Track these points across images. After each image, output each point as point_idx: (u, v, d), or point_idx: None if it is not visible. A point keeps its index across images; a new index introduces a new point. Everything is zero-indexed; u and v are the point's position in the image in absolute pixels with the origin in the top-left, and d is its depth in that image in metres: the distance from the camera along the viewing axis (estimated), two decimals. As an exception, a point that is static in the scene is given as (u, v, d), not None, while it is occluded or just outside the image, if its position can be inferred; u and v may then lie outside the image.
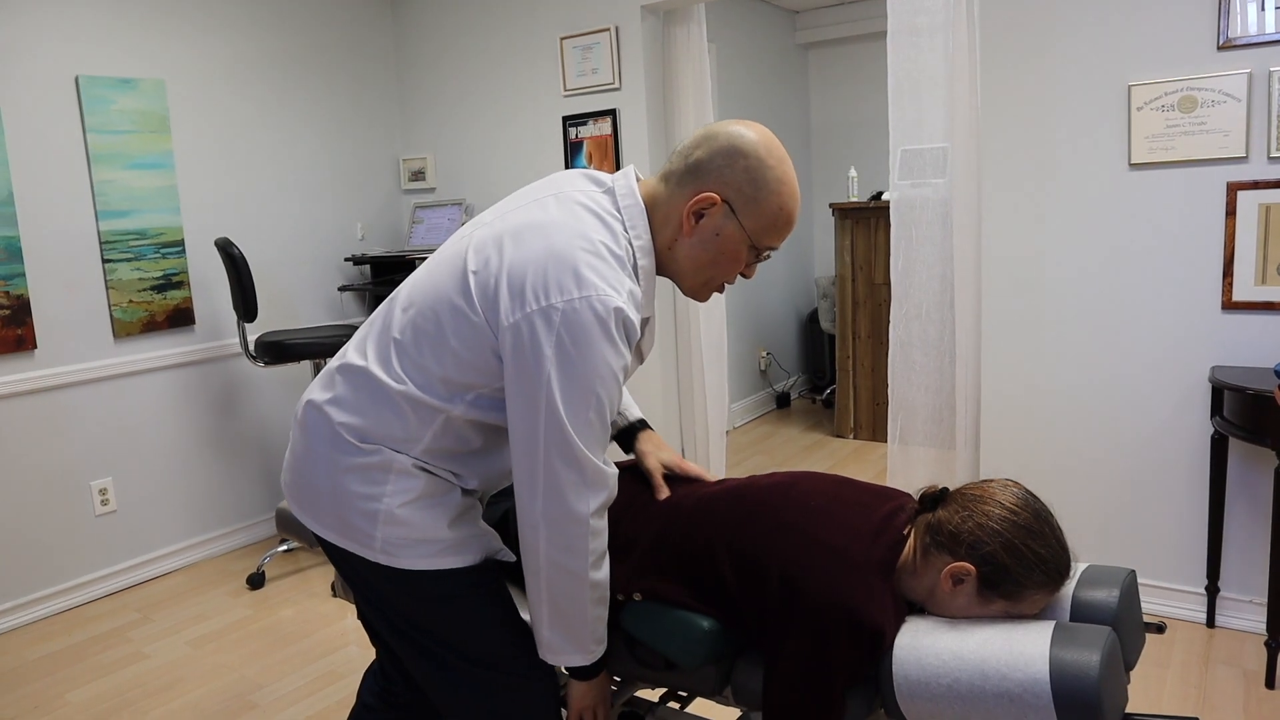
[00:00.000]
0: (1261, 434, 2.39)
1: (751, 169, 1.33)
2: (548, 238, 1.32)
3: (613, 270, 1.31)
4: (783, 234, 1.39)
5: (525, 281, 1.28)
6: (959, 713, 1.28)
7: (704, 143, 1.36)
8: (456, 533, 1.42)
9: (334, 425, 1.41)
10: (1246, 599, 2.75)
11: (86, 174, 3.37)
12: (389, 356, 1.39)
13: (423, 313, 1.38)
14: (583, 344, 1.26)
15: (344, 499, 1.40)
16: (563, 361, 1.26)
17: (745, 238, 1.37)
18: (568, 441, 1.28)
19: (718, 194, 1.34)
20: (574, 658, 1.41)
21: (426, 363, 1.36)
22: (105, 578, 3.50)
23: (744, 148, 1.33)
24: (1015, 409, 3.04)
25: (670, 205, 1.38)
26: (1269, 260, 2.59)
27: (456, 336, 1.34)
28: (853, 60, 6.09)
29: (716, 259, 1.39)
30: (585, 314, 1.26)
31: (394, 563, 1.40)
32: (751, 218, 1.35)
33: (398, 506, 1.38)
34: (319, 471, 1.43)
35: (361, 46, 4.38)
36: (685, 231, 1.37)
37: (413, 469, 1.39)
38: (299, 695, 2.68)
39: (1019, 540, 1.34)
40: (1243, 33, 2.54)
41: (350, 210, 4.37)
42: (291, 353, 3.53)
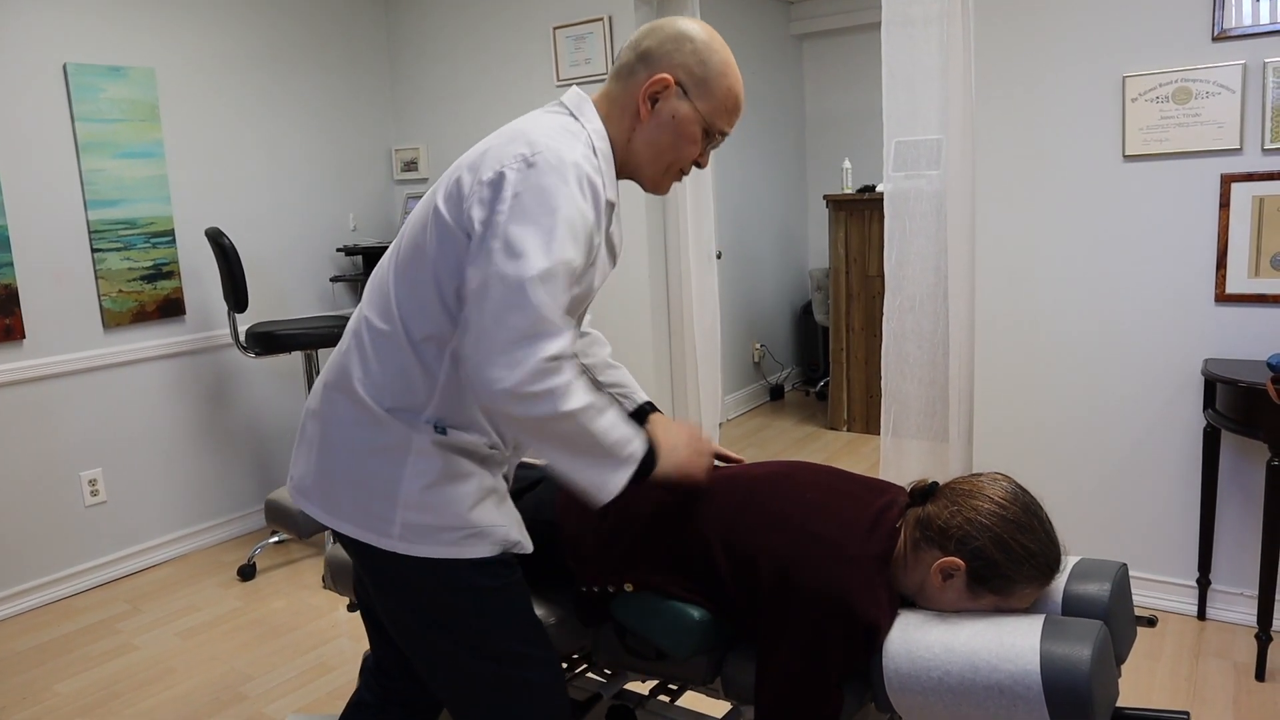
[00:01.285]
0: (1254, 427, 2.39)
1: (699, 50, 1.38)
2: (502, 135, 1.35)
3: (566, 137, 1.33)
4: (732, 117, 1.43)
5: (481, 163, 1.31)
6: (949, 706, 1.28)
7: (651, 33, 1.40)
8: (476, 520, 1.38)
9: (348, 393, 1.38)
10: (1237, 591, 2.75)
11: (75, 163, 3.34)
12: (386, 305, 1.38)
13: (404, 255, 1.39)
14: (540, 189, 1.25)
15: (362, 483, 1.37)
16: (515, 207, 1.25)
17: (699, 118, 1.40)
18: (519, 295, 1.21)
19: (670, 76, 1.38)
20: (619, 475, 1.33)
21: (418, 292, 1.34)
22: (95, 569, 3.48)
23: (690, 33, 1.39)
24: (1008, 402, 3.04)
25: (625, 96, 1.41)
26: (1262, 253, 2.58)
27: (436, 253, 1.32)
28: (847, 51, 6.07)
29: (675, 142, 1.41)
30: (539, 165, 1.26)
31: (412, 551, 1.36)
32: (703, 99, 1.39)
33: (418, 489, 1.35)
34: (336, 458, 1.40)
35: (354, 36, 4.35)
36: (642, 117, 1.40)
37: (431, 448, 1.35)
38: (289, 687, 2.67)
39: (1008, 535, 1.33)
40: (1237, 24, 2.53)
41: (342, 200, 4.35)
42: (283, 343, 3.52)
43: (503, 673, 1.42)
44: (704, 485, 1.50)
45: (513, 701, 1.43)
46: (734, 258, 5.48)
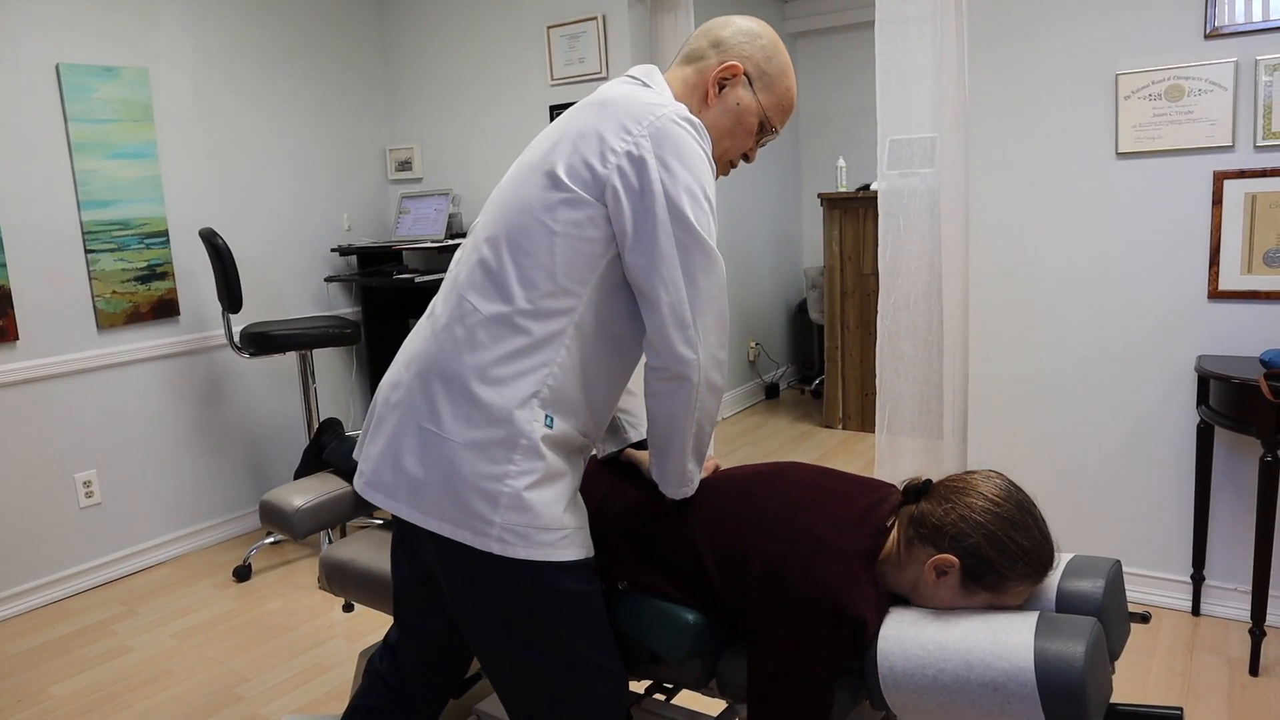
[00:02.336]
0: (1247, 423, 2.40)
1: (767, 48, 1.47)
2: (604, 102, 1.39)
3: (669, 98, 1.41)
4: (786, 116, 1.51)
5: (602, 136, 1.34)
6: (944, 703, 1.28)
7: (725, 24, 1.48)
8: (569, 520, 1.36)
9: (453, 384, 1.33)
10: (1231, 587, 2.76)
11: (68, 163, 3.34)
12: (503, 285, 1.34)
13: (514, 233, 1.36)
14: (678, 146, 1.31)
15: (460, 480, 1.31)
16: (666, 169, 1.30)
17: (760, 110, 1.47)
18: (697, 241, 1.31)
19: (741, 65, 1.45)
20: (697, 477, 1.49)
21: (538, 269, 1.33)
22: (89, 570, 3.48)
23: (759, 31, 1.48)
24: (1002, 399, 3.04)
25: (696, 78, 1.47)
26: (1255, 249, 2.59)
27: (565, 225, 1.32)
28: (841, 50, 6.07)
29: (734, 129, 1.47)
30: (668, 124, 1.32)
31: (508, 552, 1.31)
32: (766, 93, 1.47)
33: (524, 488, 1.31)
34: (429, 451, 1.33)
35: (347, 35, 4.35)
36: (709, 99, 1.46)
37: (538, 445, 1.32)
38: (285, 688, 2.67)
39: (1001, 532, 1.33)
40: (1230, 21, 2.54)
41: (336, 200, 4.34)
42: (277, 344, 3.51)
43: (575, 683, 1.40)
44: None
45: (577, 710, 1.41)
46: (728, 256, 5.49)
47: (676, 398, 1.35)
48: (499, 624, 1.38)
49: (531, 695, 1.42)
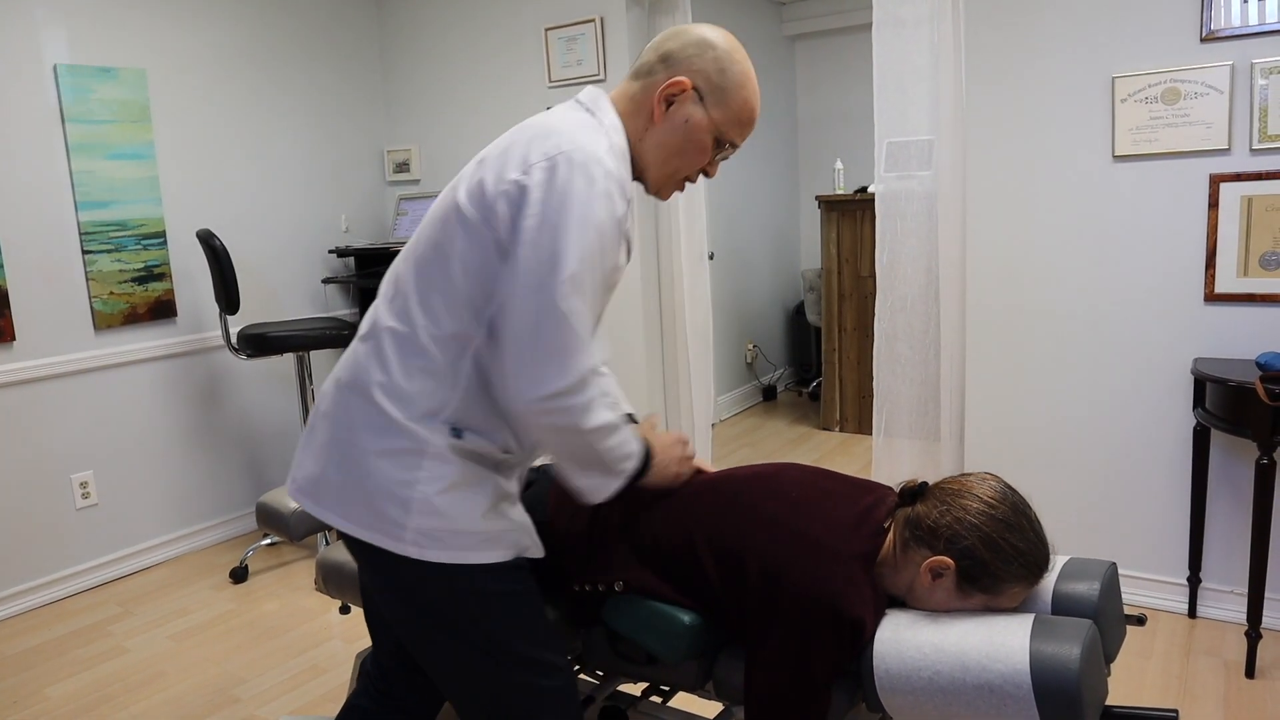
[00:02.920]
0: (1242, 426, 2.40)
1: (720, 59, 1.38)
2: (524, 131, 1.37)
3: (589, 132, 1.33)
4: (745, 129, 1.43)
5: (506, 160, 1.32)
6: (939, 705, 1.28)
7: (675, 36, 1.40)
8: (489, 525, 1.37)
9: (363, 394, 1.36)
10: (1228, 589, 2.76)
11: (66, 164, 3.33)
12: (404, 308, 1.37)
13: (423, 253, 1.37)
14: (568, 192, 1.25)
15: (374, 486, 1.34)
16: (547, 212, 1.25)
17: (712, 126, 1.39)
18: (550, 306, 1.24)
19: (688, 80, 1.37)
20: (612, 484, 1.39)
21: (441, 291, 1.33)
22: (86, 571, 3.47)
23: (713, 40, 1.39)
24: (999, 400, 3.05)
25: (642, 95, 1.41)
26: (1251, 252, 2.59)
27: (459, 250, 1.32)
28: (839, 52, 6.08)
29: (684, 148, 1.41)
30: (567, 164, 1.26)
31: (425, 556, 1.34)
32: (719, 108, 1.39)
33: (434, 494, 1.33)
34: (350, 459, 1.37)
35: (346, 37, 4.35)
36: (656, 118, 1.40)
37: (448, 452, 1.34)
38: (282, 689, 2.67)
39: (997, 534, 1.34)
40: (1225, 24, 2.55)
41: (334, 202, 4.34)
42: (274, 345, 3.51)
43: (514, 678, 1.40)
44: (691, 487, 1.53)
45: (525, 706, 1.41)
46: (726, 258, 5.49)
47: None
48: (429, 626, 1.41)
49: (470, 691, 1.43)
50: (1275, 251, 2.56)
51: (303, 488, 1.43)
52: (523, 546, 1.43)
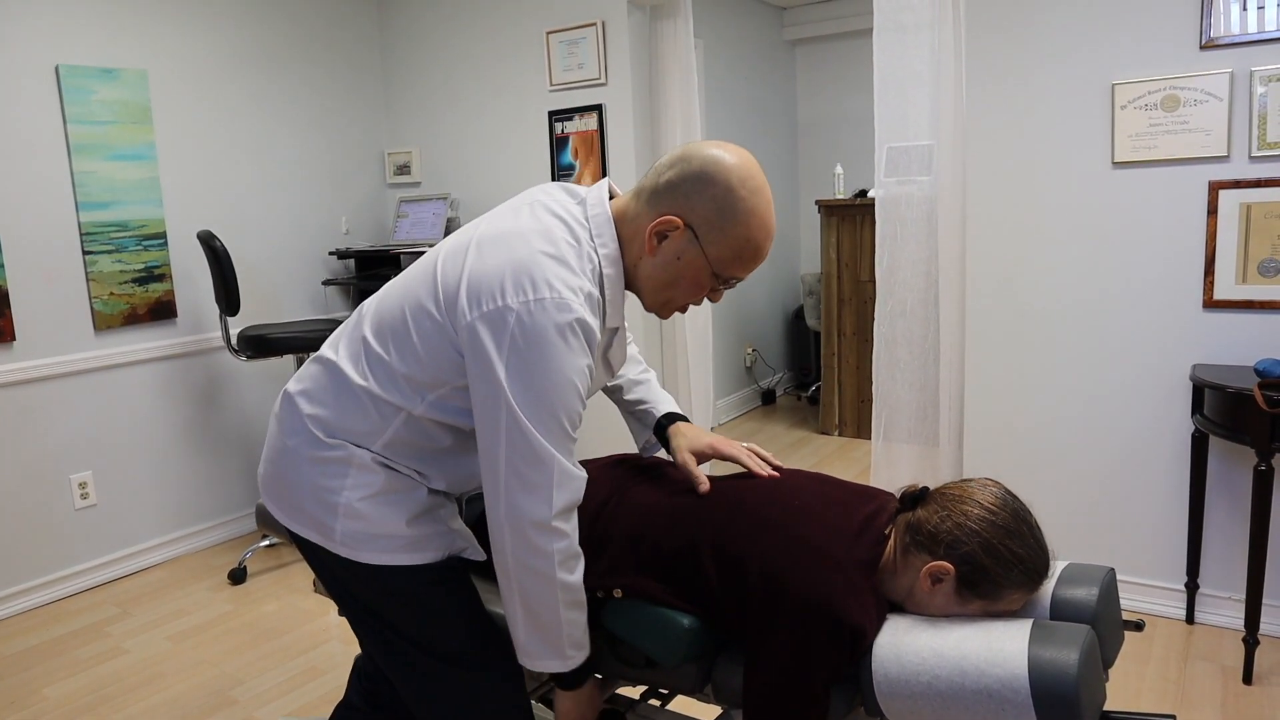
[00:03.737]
0: (1241, 432, 2.41)
1: (719, 198, 1.30)
2: (510, 245, 1.32)
3: (572, 274, 1.31)
4: (748, 266, 1.36)
5: (483, 284, 1.30)
6: (938, 710, 1.28)
7: (678, 164, 1.34)
8: (416, 530, 1.43)
9: (302, 416, 1.44)
10: (1226, 595, 2.77)
11: (67, 165, 3.34)
12: (358, 353, 1.42)
13: (392, 311, 1.41)
14: (536, 347, 1.27)
15: (307, 490, 1.42)
16: (517, 364, 1.27)
17: (707, 265, 1.35)
18: (529, 444, 1.28)
19: (681, 219, 1.32)
20: (551, 663, 1.40)
21: (391, 360, 1.38)
22: (84, 572, 3.47)
23: (716, 175, 1.30)
24: (998, 406, 3.05)
25: (638, 222, 1.37)
26: (1249, 259, 2.60)
27: (419, 334, 1.35)
28: (840, 57, 6.09)
29: (676, 281, 1.38)
30: (539, 316, 1.26)
31: (353, 556, 1.41)
32: (715, 245, 1.33)
33: (357, 500, 1.39)
34: (287, 462, 1.45)
35: (347, 39, 4.36)
36: (648, 250, 1.36)
37: (372, 464, 1.40)
38: (280, 691, 2.67)
39: (997, 540, 1.34)
40: (1225, 32, 2.56)
41: (335, 204, 4.35)
42: (274, 346, 3.51)
43: (453, 673, 1.46)
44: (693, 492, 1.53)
45: (468, 701, 1.46)
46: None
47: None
48: (368, 618, 1.49)
49: (413, 683, 1.48)
50: (1274, 258, 2.57)
51: (260, 481, 1.52)
52: (457, 548, 1.49)
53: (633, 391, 1.75)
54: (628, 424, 1.79)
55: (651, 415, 1.72)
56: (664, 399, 1.76)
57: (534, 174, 4.08)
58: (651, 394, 1.76)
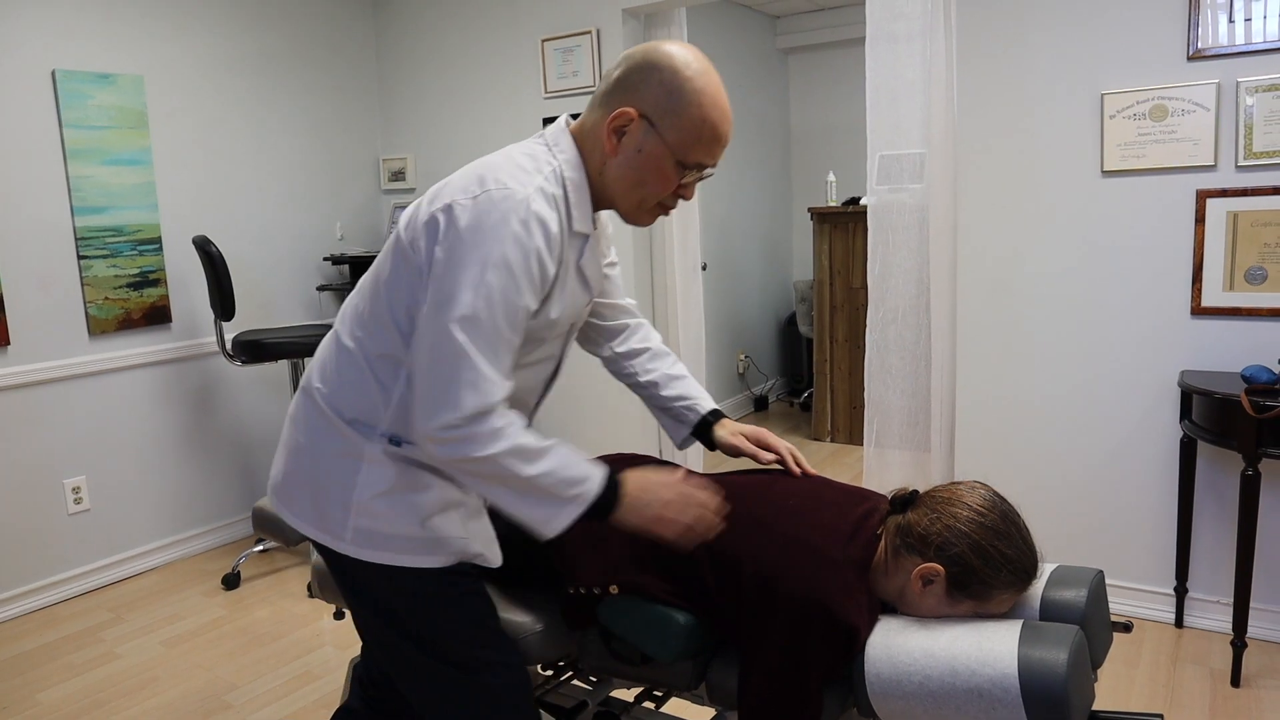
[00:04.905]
0: (1228, 437, 2.44)
1: (667, 81, 1.31)
2: (470, 165, 1.37)
3: (524, 172, 1.32)
4: (711, 148, 1.35)
5: (439, 194, 1.33)
6: (930, 709, 1.30)
7: (624, 61, 1.36)
8: (430, 533, 1.40)
9: (316, 403, 1.43)
10: (1214, 599, 2.79)
11: (63, 169, 3.34)
12: (351, 322, 1.44)
13: (375, 272, 1.43)
14: (472, 234, 1.26)
15: (320, 487, 1.42)
16: (449, 254, 1.26)
17: (669, 152, 1.33)
18: (444, 340, 1.25)
19: (634, 109, 1.32)
20: (565, 516, 1.31)
21: (378, 309, 1.38)
22: (78, 577, 3.47)
23: (660, 61, 1.32)
24: (989, 412, 3.08)
25: (595, 126, 1.37)
26: (1236, 267, 2.63)
27: (391, 269, 1.37)
28: (832, 66, 6.13)
29: (643, 177, 1.36)
30: (481, 205, 1.26)
31: (362, 556, 1.40)
32: (673, 130, 1.32)
33: (370, 497, 1.38)
34: (301, 461, 1.45)
35: (343, 46, 4.37)
36: (609, 150, 1.35)
37: (382, 456, 1.38)
38: (274, 696, 2.67)
39: (986, 542, 1.36)
40: (1212, 44, 2.59)
41: (329, 210, 4.36)
42: (269, 352, 3.52)
43: (463, 678, 1.45)
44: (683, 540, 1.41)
45: (475, 706, 1.45)
46: (719, 269, 5.52)
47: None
48: (376, 619, 1.48)
49: (421, 687, 1.48)
50: (1260, 266, 2.60)
51: (272, 485, 1.51)
52: (470, 554, 1.45)
53: (670, 387, 1.74)
54: (660, 420, 1.77)
55: (695, 413, 1.71)
56: (705, 395, 1.75)
57: (528, 181, 4.09)
58: (692, 389, 1.74)
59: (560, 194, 1.34)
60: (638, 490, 1.36)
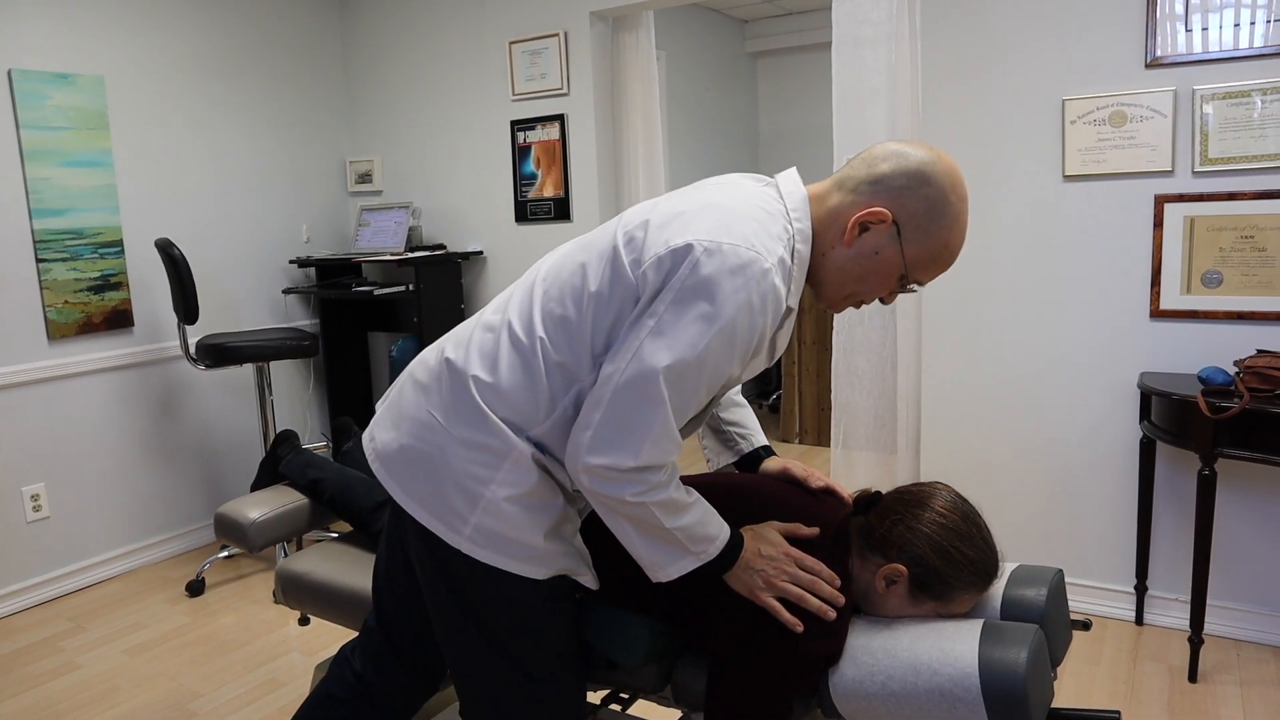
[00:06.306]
0: (1186, 438, 2.48)
1: (933, 199, 1.28)
2: (703, 195, 1.31)
3: (768, 234, 1.26)
4: (939, 271, 1.34)
5: (673, 223, 1.26)
6: (893, 710, 1.31)
7: (893, 158, 1.30)
8: (549, 545, 1.36)
9: (467, 385, 1.34)
10: (1173, 597, 2.84)
11: (19, 171, 3.29)
12: (531, 319, 1.34)
13: (567, 274, 1.34)
14: (708, 288, 1.20)
15: (447, 473, 1.34)
16: (678, 299, 1.21)
17: (901, 264, 1.31)
18: (644, 383, 1.20)
19: (891, 213, 1.28)
20: (680, 566, 1.32)
21: (579, 320, 1.30)
22: (36, 586, 3.40)
23: (933, 176, 1.28)
24: (953, 413, 3.11)
25: (839, 209, 1.32)
26: (1194, 270, 2.68)
27: (600, 289, 1.28)
28: (800, 70, 6.17)
29: (865, 276, 1.33)
30: (728, 259, 1.20)
31: (476, 554, 1.34)
32: (915, 247, 1.30)
33: (503, 497, 1.32)
34: (432, 439, 1.36)
35: (309, 46, 4.34)
36: (845, 240, 1.31)
37: (529, 460, 1.32)
38: (238, 704, 2.64)
39: (948, 542, 1.37)
40: (1169, 52, 2.64)
41: (296, 212, 4.32)
42: (234, 355, 3.48)
43: (530, 688, 1.42)
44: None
45: (528, 709, 1.43)
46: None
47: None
48: (462, 619, 1.42)
49: (484, 689, 1.45)
50: (1216, 270, 2.65)
51: (381, 453, 1.42)
52: (573, 571, 1.42)
53: (730, 411, 1.70)
54: (704, 440, 1.73)
55: (748, 443, 1.68)
56: (760, 430, 1.72)
57: (496, 183, 4.09)
58: (749, 420, 1.71)
59: (790, 265, 1.30)
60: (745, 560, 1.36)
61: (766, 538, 1.40)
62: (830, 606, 1.35)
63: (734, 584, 1.37)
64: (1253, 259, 2.60)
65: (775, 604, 1.35)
